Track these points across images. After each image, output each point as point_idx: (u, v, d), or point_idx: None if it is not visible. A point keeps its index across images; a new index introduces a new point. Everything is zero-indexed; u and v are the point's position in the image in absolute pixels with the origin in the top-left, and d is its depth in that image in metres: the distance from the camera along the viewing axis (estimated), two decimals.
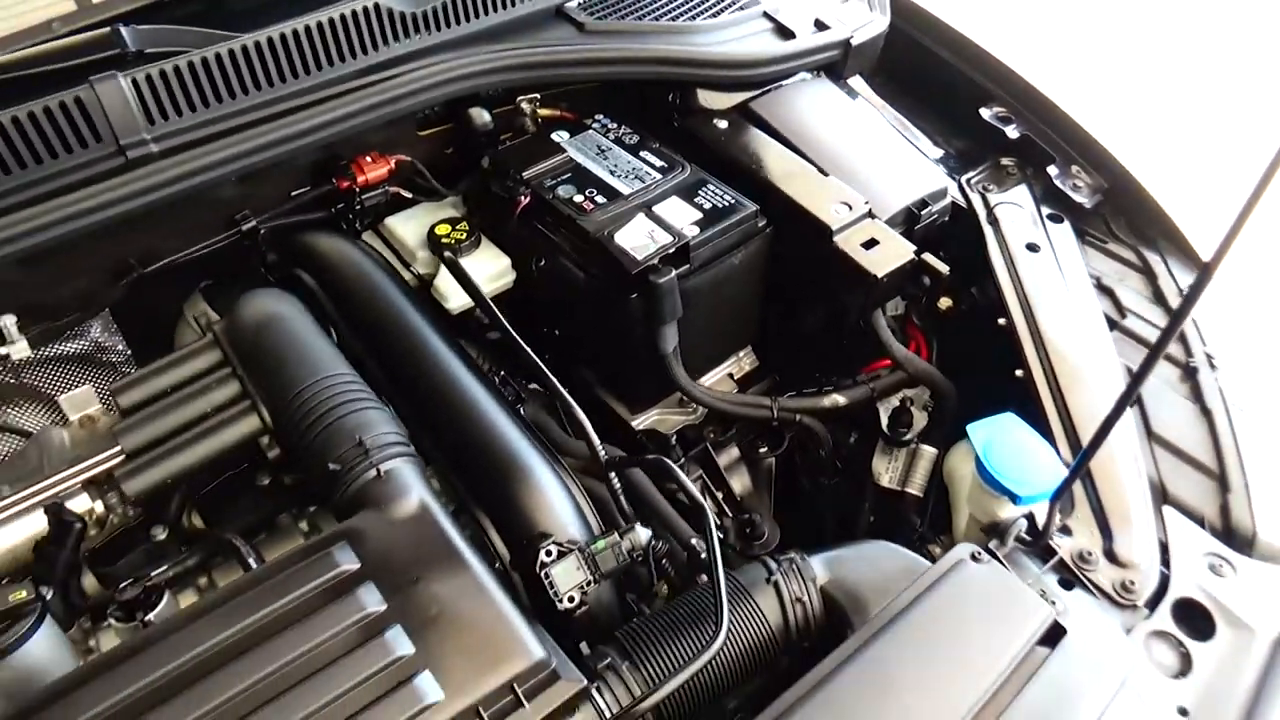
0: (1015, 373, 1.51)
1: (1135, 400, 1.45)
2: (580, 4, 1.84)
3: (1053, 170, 1.81)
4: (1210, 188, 2.20)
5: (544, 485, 1.26)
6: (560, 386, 1.40)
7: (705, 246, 1.56)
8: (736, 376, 1.80)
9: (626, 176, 1.68)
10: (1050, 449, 1.34)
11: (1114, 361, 1.50)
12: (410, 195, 1.77)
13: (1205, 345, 1.54)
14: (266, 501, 1.37)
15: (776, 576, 1.22)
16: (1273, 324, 1.68)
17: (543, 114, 1.86)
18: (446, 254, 1.58)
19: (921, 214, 1.70)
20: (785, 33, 1.90)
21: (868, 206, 1.63)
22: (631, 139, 1.78)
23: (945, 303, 1.76)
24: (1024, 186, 1.81)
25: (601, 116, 1.84)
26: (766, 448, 1.72)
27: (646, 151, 1.74)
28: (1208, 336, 1.56)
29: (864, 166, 1.74)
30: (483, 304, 1.52)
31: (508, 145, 1.79)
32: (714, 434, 1.71)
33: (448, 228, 1.68)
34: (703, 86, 1.82)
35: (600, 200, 1.62)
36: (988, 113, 1.90)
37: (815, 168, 1.71)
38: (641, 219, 1.57)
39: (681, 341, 1.60)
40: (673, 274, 1.51)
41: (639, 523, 1.24)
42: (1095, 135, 1.82)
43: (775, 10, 1.93)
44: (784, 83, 1.89)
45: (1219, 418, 1.43)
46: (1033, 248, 1.67)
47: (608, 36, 1.79)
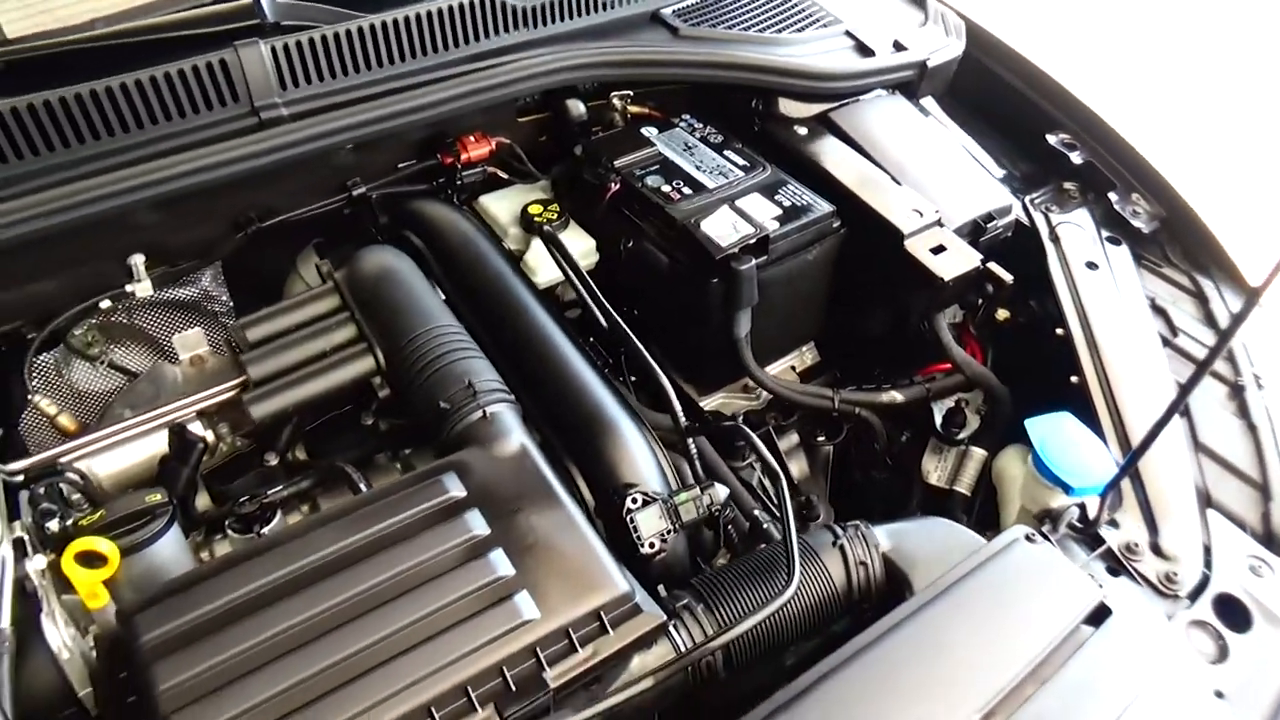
0: (1071, 379, 1.59)
1: (1184, 411, 1.54)
2: (675, 11, 1.96)
3: (1113, 196, 1.90)
4: (1262, 216, 2.28)
5: (630, 441, 1.36)
6: (647, 354, 1.51)
7: (783, 240, 1.66)
8: (798, 369, 1.90)
9: (711, 172, 1.79)
10: (1103, 446, 1.43)
11: (1165, 374, 1.58)
12: (505, 176, 1.89)
13: (1253, 366, 1.62)
14: (368, 440, 1.48)
15: (842, 541, 1.30)
16: None
17: (632, 110, 1.98)
18: (546, 228, 1.69)
19: (987, 227, 1.79)
20: (865, 51, 2.00)
21: (938, 215, 1.72)
22: (716, 138, 1.89)
23: (1003, 314, 1.84)
24: (1085, 210, 1.90)
25: (688, 116, 1.96)
26: (824, 436, 1.81)
27: (730, 151, 1.85)
28: (1255, 358, 1.64)
29: (934, 179, 1.84)
30: (579, 276, 1.63)
31: (600, 136, 1.91)
32: (775, 419, 1.80)
33: (540, 208, 1.80)
34: (785, 95, 1.93)
35: (686, 191, 1.73)
36: (1053, 139, 1.99)
37: (889, 176, 1.81)
38: (726, 210, 1.68)
39: (751, 330, 1.70)
40: (752, 263, 1.61)
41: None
42: (1155, 165, 1.91)
43: (856, 29, 2.04)
44: (861, 97, 2.00)
45: (1264, 433, 1.51)
46: (1092, 265, 1.75)
47: (699, 42, 1.90)
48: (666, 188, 1.74)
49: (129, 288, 1.64)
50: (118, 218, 1.51)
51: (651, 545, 1.27)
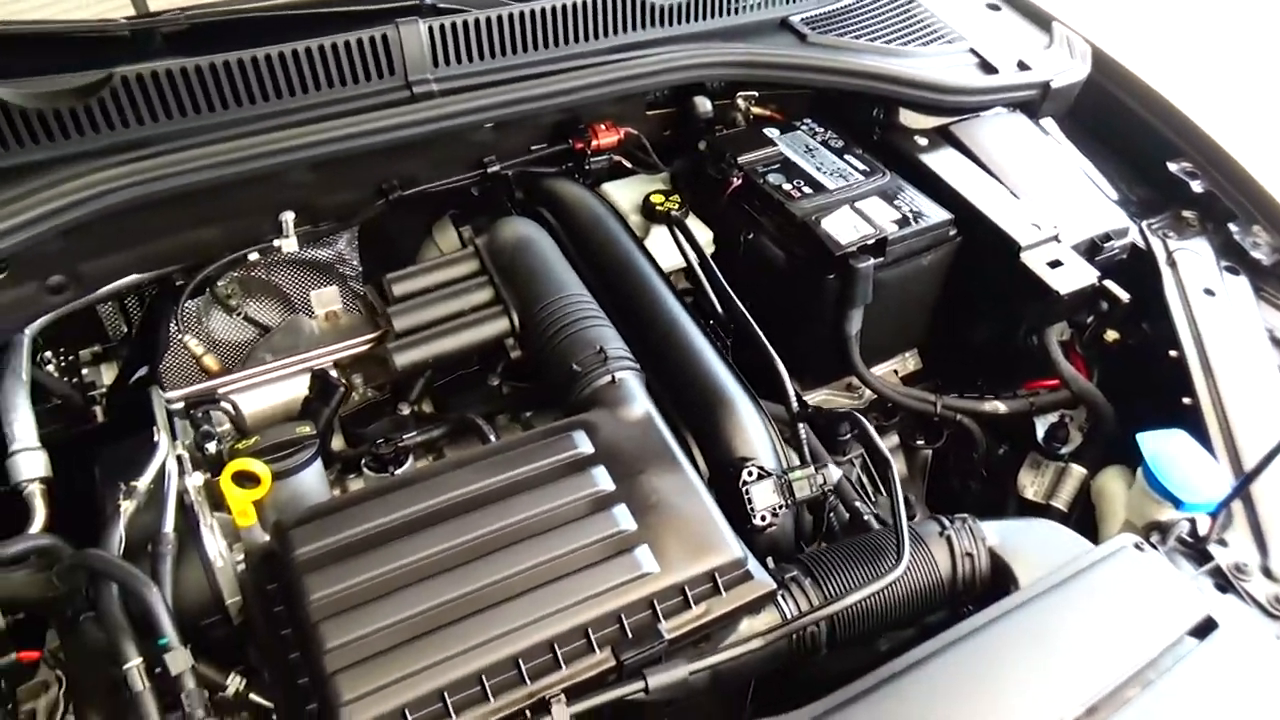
0: (1183, 400, 1.59)
1: None
2: (803, 19, 2.02)
3: (1233, 227, 1.89)
4: None
5: (747, 418, 1.41)
6: (765, 339, 1.56)
7: (900, 244, 1.70)
8: (900, 374, 1.93)
9: (831, 174, 1.83)
10: (1214, 464, 1.43)
11: None
12: (629, 165, 1.96)
13: None
14: (491, 401, 1.55)
15: (949, 532, 1.33)
16: None
17: (755, 112, 2.04)
18: (675, 214, 1.76)
19: (1104, 246, 1.80)
20: (988, 68, 2.03)
21: (1056, 230, 1.74)
22: (836, 143, 1.93)
23: (1112, 335, 1.85)
24: (1203, 238, 1.89)
25: (809, 120, 2.01)
26: (924, 440, 1.83)
27: (850, 155, 1.89)
28: None
29: (1051, 197, 1.86)
30: (703, 260, 1.69)
31: (724, 133, 1.97)
32: (876, 420, 1.83)
33: (661, 198, 1.86)
34: (907, 105, 1.97)
35: (807, 190, 1.78)
36: (1174, 166, 1.99)
37: (1007, 190, 1.83)
38: (846, 210, 1.72)
39: (859, 331, 1.74)
40: (870, 262, 1.65)
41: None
42: (1278, 198, 1.90)
43: (980, 48, 2.07)
44: (982, 114, 2.03)
45: None
46: (1209, 292, 1.75)
47: (827, 49, 1.95)
48: (787, 186, 1.79)
49: (277, 242, 1.74)
50: (277, 175, 1.62)
51: (763, 518, 1.32)
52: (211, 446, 1.32)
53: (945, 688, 1.17)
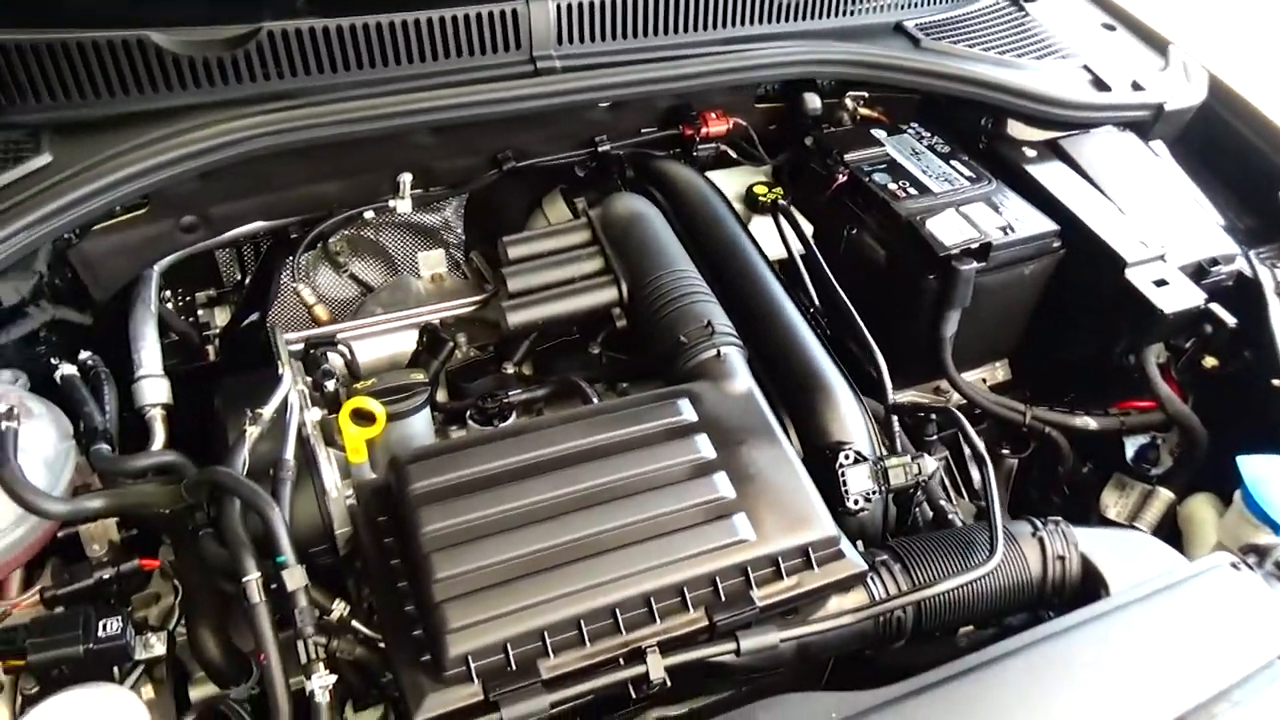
0: None
1: None
2: (917, 24, 2.03)
3: None
4: None
5: (844, 403, 1.43)
6: (865, 330, 1.58)
7: (1004, 250, 1.71)
8: (989, 383, 1.93)
9: (937, 178, 1.84)
10: None
11: None
12: (734, 155, 1.99)
13: None
14: (589, 369, 1.59)
15: (1042, 533, 1.33)
16: None
17: (862, 113, 2.06)
18: (782, 202, 1.78)
19: (1210, 271, 1.78)
20: (1102, 85, 2.02)
21: (1163, 249, 1.73)
22: (943, 148, 1.94)
23: (1210, 361, 1.82)
24: None
25: (916, 124, 2.02)
26: (1010, 449, 1.83)
27: (956, 161, 1.90)
28: None
29: (1159, 217, 1.84)
30: (809, 249, 1.72)
31: (830, 131, 1.99)
32: None
33: (764, 189, 1.89)
34: (1017, 116, 1.97)
35: (912, 191, 1.79)
36: None
37: (1114, 207, 1.82)
38: (951, 214, 1.73)
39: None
40: (973, 266, 1.66)
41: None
42: None
43: (1095, 65, 2.06)
44: (1092, 130, 2.02)
45: None
46: None
47: (940, 55, 1.96)
48: (893, 186, 1.80)
49: (392, 203, 1.81)
50: (401, 135, 1.69)
51: (856, 502, 1.33)
52: (330, 385, 1.38)
53: (1028, 684, 1.17)
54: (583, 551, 1.16)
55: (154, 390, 1.51)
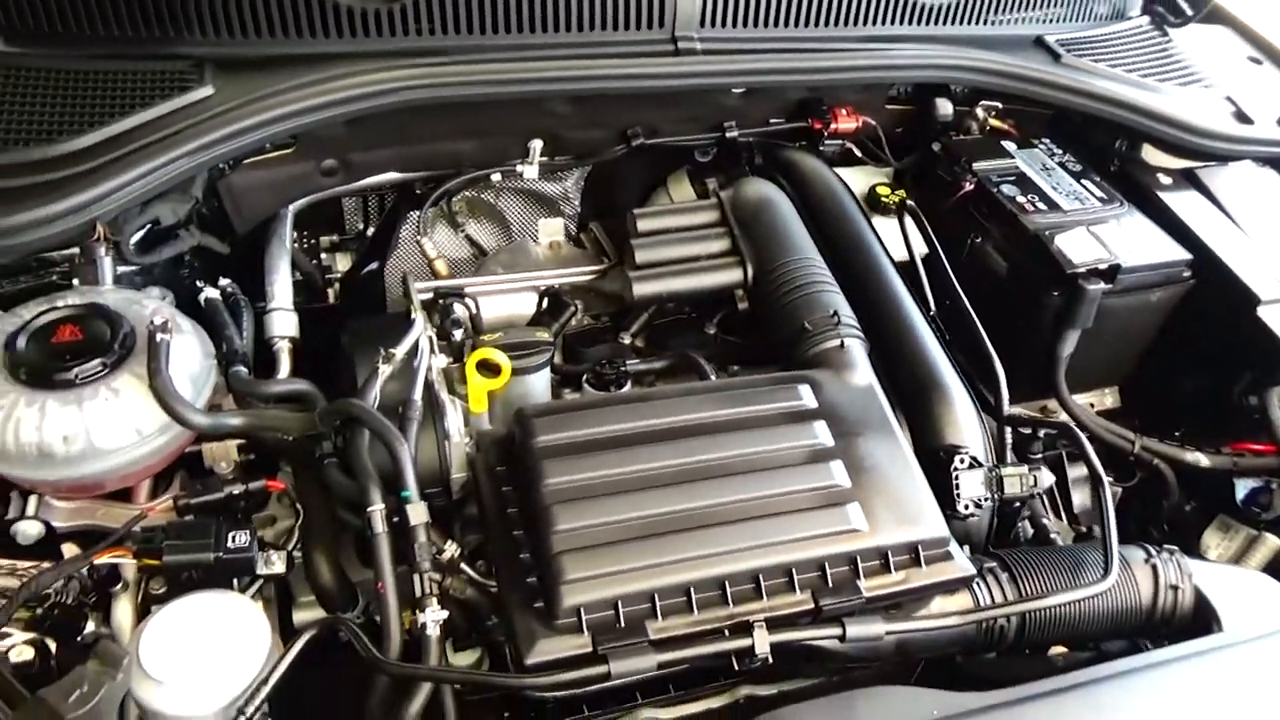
0: None
1: None
2: (1058, 40, 2.00)
3: None
4: None
5: (961, 407, 1.42)
6: (985, 337, 1.56)
7: (1133, 274, 1.67)
8: (1096, 408, 1.89)
9: (1067, 195, 1.81)
10: None
11: None
12: (859, 155, 1.99)
13: None
14: (705, 347, 1.60)
15: (1155, 560, 1.31)
16: None
17: (993, 124, 2.03)
18: (909, 203, 1.78)
19: None
20: (1244, 118, 1.97)
21: None
22: (1075, 166, 1.91)
23: None
24: None
25: (1047, 140, 1.99)
26: (1113, 478, 1.79)
27: (1088, 180, 1.87)
28: None
29: None
30: (933, 254, 1.70)
31: (959, 138, 1.97)
32: (1065, 448, 1.80)
33: (887, 190, 1.88)
34: (1155, 141, 1.93)
35: (1040, 206, 1.77)
36: None
37: (1251, 243, 1.77)
38: (1081, 232, 1.70)
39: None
40: (1100, 286, 1.63)
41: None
42: None
43: (1238, 97, 2.00)
44: (1230, 163, 1.97)
45: None
46: None
47: (1081, 72, 1.93)
48: (1021, 199, 1.78)
49: (520, 167, 1.84)
50: (539, 101, 1.72)
51: (966, 506, 1.32)
52: (458, 334, 1.41)
53: (1135, 710, 1.16)
54: (697, 522, 1.17)
55: (284, 323, 1.56)
